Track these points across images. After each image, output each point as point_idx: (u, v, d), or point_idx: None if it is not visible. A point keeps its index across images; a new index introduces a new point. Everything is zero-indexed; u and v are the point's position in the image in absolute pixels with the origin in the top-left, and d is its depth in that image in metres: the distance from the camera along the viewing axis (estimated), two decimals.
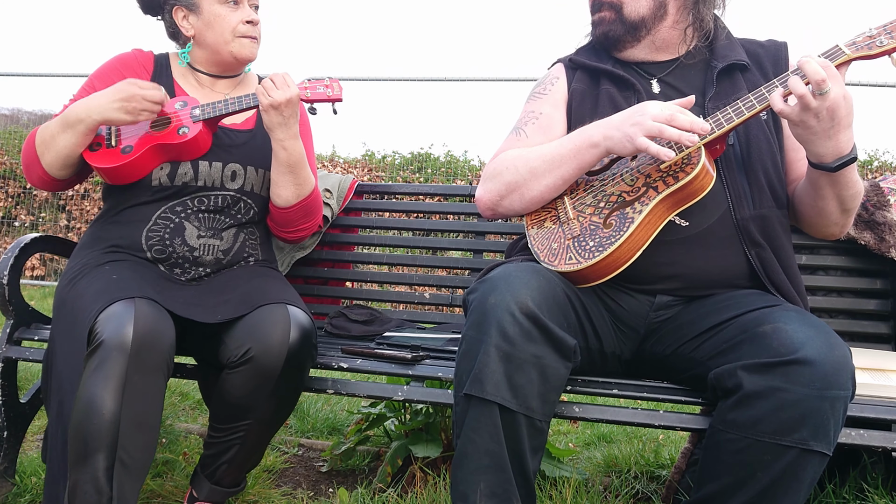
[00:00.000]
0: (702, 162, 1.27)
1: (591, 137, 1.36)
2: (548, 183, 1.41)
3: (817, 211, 1.38)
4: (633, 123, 1.28)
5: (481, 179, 1.52)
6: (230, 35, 1.62)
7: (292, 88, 1.53)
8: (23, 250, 1.68)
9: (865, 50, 1.24)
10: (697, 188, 1.29)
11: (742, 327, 1.22)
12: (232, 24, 1.62)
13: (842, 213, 1.37)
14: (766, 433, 1.09)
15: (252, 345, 1.38)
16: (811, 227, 1.44)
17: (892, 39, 1.23)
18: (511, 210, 1.47)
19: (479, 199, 1.50)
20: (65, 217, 6.29)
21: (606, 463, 2.14)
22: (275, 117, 1.53)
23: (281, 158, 1.58)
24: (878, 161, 5.76)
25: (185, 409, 2.60)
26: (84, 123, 1.48)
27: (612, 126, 1.32)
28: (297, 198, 1.63)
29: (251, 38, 1.65)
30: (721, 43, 1.51)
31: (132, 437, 1.24)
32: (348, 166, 6.25)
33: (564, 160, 1.39)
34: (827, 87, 1.16)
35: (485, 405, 1.15)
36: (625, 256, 1.29)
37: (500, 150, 1.54)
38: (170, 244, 1.55)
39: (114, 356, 1.24)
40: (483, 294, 1.21)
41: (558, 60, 1.66)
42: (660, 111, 1.26)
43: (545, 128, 1.52)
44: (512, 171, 1.44)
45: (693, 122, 1.24)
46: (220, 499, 1.53)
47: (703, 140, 1.29)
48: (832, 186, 1.31)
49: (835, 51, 1.26)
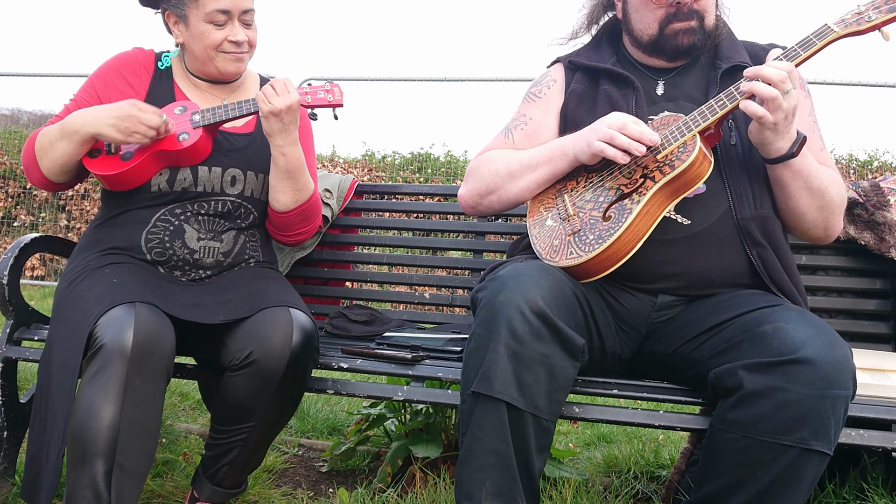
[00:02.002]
0: (697, 148, 1.29)
1: (563, 147, 1.43)
2: (523, 186, 1.48)
3: (792, 212, 1.39)
4: (592, 131, 1.35)
5: (465, 176, 1.59)
6: (213, 52, 1.59)
7: (293, 95, 1.52)
8: (23, 250, 1.68)
9: (854, 26, 1.25)
10: (695, 175, 1.30)
11: (742, 327, 1.22)
12: (216, 42, 1.58)
13: (818, 210, 1.37)
14: (766, 433, 1.09)
15: (254, 348, 1.37)
16: (796, 231, 1.45)
17: (879, 14, 1.24)
18: (491, 209, 1.55)
19: (461, 198, 1.59)
20: (65, 217, 6.29)
21: (606, 463, 2.14)
22: (275, 124, 1.52)
23: (280, 164, 1.58)
24: (878, 161, 5.76)
25: (185, 410, 2.60)
26: (79, 134, 1.48)
27: (579, 135, 1.40)
28: (296, 203, 1.63)
29: (236, 55, 1.61)
30: (725, 43, 1.51)
31: (131, 443, 1.24)
32: (348, 166, 6.25)
33: (539, 166, 1.46)
34: (789, 86, 1.22)
35: (492, 403, 1.16)
36: (625, 248, 1.29)
37: (487, 148, 1.60)
38: (170, 246, 1.54)
39: (114, 361, 1.24)
40: (492, 292, 1.21)
41: (557, 60, 1.66)
42: (614, 120, 1.33)
43: (531, 134, 1.57)
44: (492, 172, 1.51)
45: (642, 133, 1.30)
46: (222, 500, 1.53)
47: (660, 152, 1.33)
48: (796, 178, 1.33)
49: (824, 29, 1.27)
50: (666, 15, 1.44)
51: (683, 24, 1.44)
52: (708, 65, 1.51)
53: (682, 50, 1.46)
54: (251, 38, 1.63)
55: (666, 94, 1.49)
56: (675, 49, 1.46)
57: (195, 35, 1.59)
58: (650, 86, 1.51)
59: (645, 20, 1.47)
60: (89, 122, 1.46)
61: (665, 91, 1.50)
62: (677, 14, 1.44)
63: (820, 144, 1.47)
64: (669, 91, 1.49)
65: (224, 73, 1.64)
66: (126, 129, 1.45)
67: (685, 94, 1.48)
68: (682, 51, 1.47)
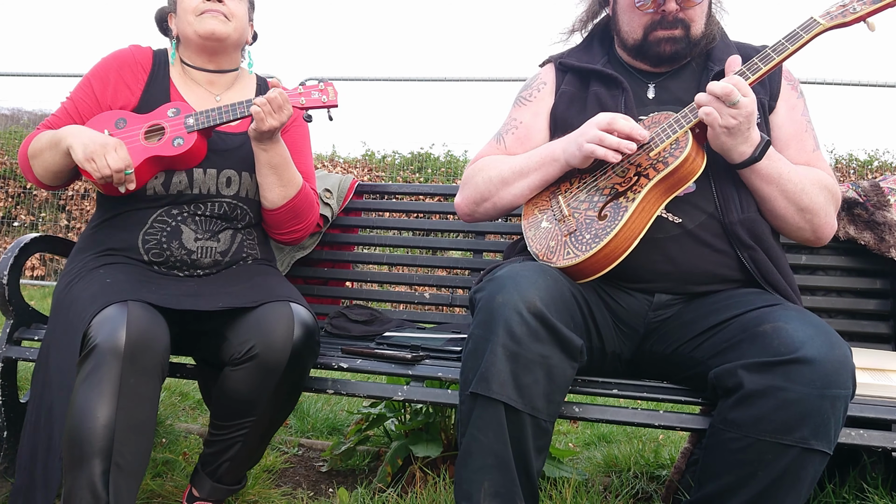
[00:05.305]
0: (689, 144, 1.29)
1: (553, 152, 1.44)
2: (516, 193, 1.50)
3: (770, 215, 1.40)
4: (581, 134, 1.36)
5: (461, 185, 1.60)
6: (192, 16, 1.61)
7: (286, 112, 1.53)
8: (23, 250, 1.68)
9: (840, 18, 1.26)
10: (688, 171, 1.31)
11: (742, 327, 1.22)
12: (193, 5, 1.61)
13: (798, 213, 1.37)
14: (766, 432, 1.09)
15: (256, 342, 1.38)
16: (784, 233, 1.45)
17: (864, 5, 1.24)
18: (487, 216, 1.58)
19: (458, 207, 1.61)
20: (65, 217, 6.29)
21: (606, 463, 2.14)
22: (264, 136, 1.54)
23: (262, 160, 1.59)
24: (878, 161, 5.76)
25: (185, 409, 2.60)
26: (61, 146, 1.48)
27: (569, 139, 1.40)
28: (284, 199, 1.63)
29: (213, 12, 1.60)
30: (718, 46, 1.51)
31: (128, 441, 1.24)
32: (348, 166, 6.25)
33: (531, 172, 1.48)
34: (736, 97, 1.25)
35: (490, 404, 1.15)
36: (622, 247, 1.29)
37: (480, 155, 1.62)
38: (167, 247, 1.54)
39: (107, 360, 1.23)
40: (490, 293, 1.21)
41: (549, 60, 1.66)
42: (602, 119, 1.33)
43: (522, 139, 1.58)
44: (486, 180, 1.52)
45: (632, 129, 1.31)
46: (222, 496, 1.53)
47: (652, 151, 1.33)
48: (767, 182, 1.34)
49: (810, 22, 1.28)
50: (651, 21, 1.44)
51: (667, 33, 1.44)
52: (700, 68, 1.51)
53: (664, 57, 1.47)
54: (230, 6, 1.63)
55: (657, 98, 1.49)
56: (658, 56, 1.47)
57: (180, 14, 1.64)
58: (640, 88, 1.51)
59: (631, 24, 1.48)
60: (69, 138, 1.46)
61: (656, 94, 1.50)
62: (662, 22, 1.43)
63: (813, 145, 1.47)
64: (660, 94, 1.49)
65: (203, 35, 1.62)
66: (90, 153, 1.43)
67: (676, 97, 1.47)
68: (665, 58, 1.47)
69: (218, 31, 1.62)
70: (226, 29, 1.63)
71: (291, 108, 1.54)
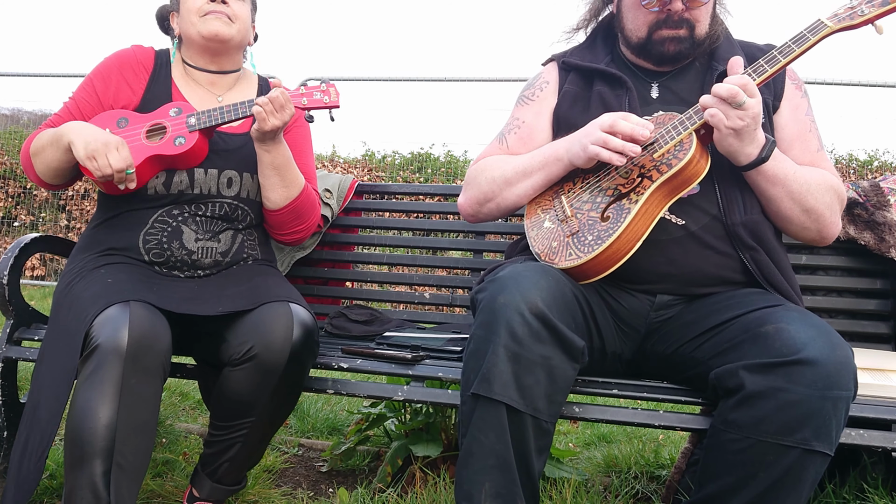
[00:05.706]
0: (694, 146, 1.29)
1: (556, 152, 1.44)
2: (520, 193, 1.49)
3: (775, 216, 1.40)
4: (585, 135, 1.35)
5: (463, 185, 1.60)
6: (195, 17, 1.61)
7: (287, 111, 1.52)
8: (23, 250, 1.68)
9: (847, 21, 1.25)
10: (692, 173, 1.30)
11: (744, 327, 1.22)
12: (197, 6, 1.61)
13: (803, 213, 1.36)
14: (768, 433, 1.09)
15: (255, 342, 1.38)
16: (788, 234, 1.45)
17: (873, 7, 1.23)
18: (491, 216, 1.57)
19: (461, 207, 1.60)
20: (65, 217, 6.28)
21: (606, 463, 2.13)
22: (266, 136, 1.54)
23: (265, 161, 1.58)
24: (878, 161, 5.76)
25: (185, 409, 2.60)
26: (62, 141, 1.47)
27: (574, 140, 1.39)
28: (286, 200, 1.63)
29: (217, 13, 1.60)
30: (722, 45, 1.50)
31: (129, 441, 1.24)
32: (348, 166, 6.25)
33: (534, 172, 1.47)
34: (742, 98, 1.23)
35: (492, 405, 1.15)
36: (624, 248, 1.29)
37: (483, 155, 1.61)
38: (168, 247, 1.54)
39: (109, 360, 1.23)
40: (492, 293, 1.21)
41: (552, 59, 1.66)
42: (605, 120, 1.32)
43: (525, 138, 1.57)
44: (489, 180, 1.52)
45: (633, 129, 1.30)
46: (222, 497, 1.53)
47: (658, 152, 1.32)
48: (773, 183, 1.34)
49: (817, 25, 1.27)
50: (656, 20, 1.44)
51: (672, 32, 1.43)
52: (704, 67, 1.50)
53: (667, 56, 1.46)
54: (234, 7, 1.63)
55: (661, 97, 1.49)
56: (661, 55, 1.47)
57: (183, 14, 1.63)
58: (644, 87, 1.51)
59: (636, 21, 1.47)
60: (71, 134, 1.45)
61: (660, 94, 1.49)
62: (667, 21, 1.43)
63: (817, 145, 1.47)
64: (664, 94, 1.49)
65: (207, 36, 1.61)
66: (91, 151, 1.42)
67: (680, 97, 1.47)
68: (668, 57, 1.47)
69: (222, 32, 1.62)
70: (230, 31, 1.63)
71: (293, 107, 1.54)
